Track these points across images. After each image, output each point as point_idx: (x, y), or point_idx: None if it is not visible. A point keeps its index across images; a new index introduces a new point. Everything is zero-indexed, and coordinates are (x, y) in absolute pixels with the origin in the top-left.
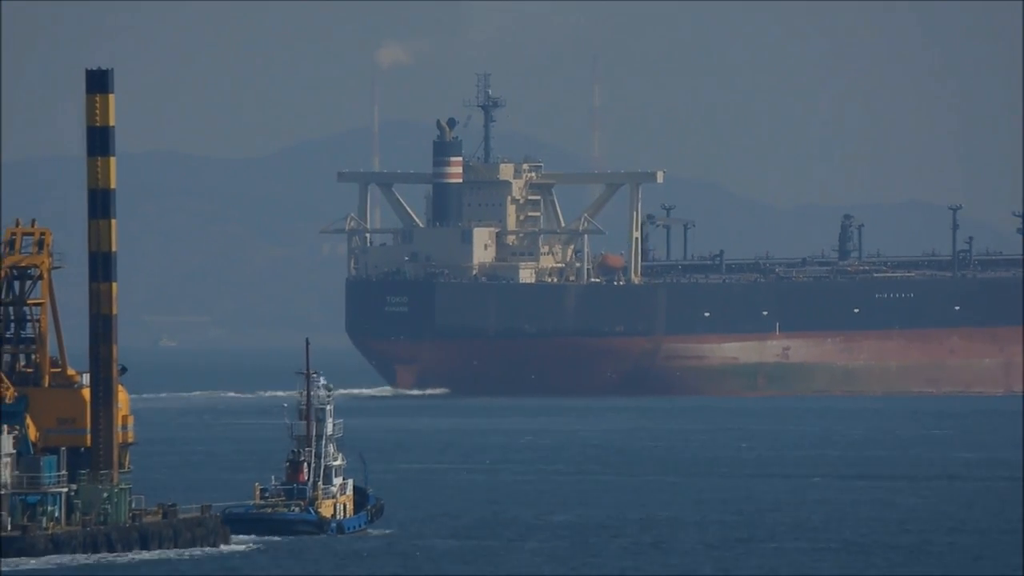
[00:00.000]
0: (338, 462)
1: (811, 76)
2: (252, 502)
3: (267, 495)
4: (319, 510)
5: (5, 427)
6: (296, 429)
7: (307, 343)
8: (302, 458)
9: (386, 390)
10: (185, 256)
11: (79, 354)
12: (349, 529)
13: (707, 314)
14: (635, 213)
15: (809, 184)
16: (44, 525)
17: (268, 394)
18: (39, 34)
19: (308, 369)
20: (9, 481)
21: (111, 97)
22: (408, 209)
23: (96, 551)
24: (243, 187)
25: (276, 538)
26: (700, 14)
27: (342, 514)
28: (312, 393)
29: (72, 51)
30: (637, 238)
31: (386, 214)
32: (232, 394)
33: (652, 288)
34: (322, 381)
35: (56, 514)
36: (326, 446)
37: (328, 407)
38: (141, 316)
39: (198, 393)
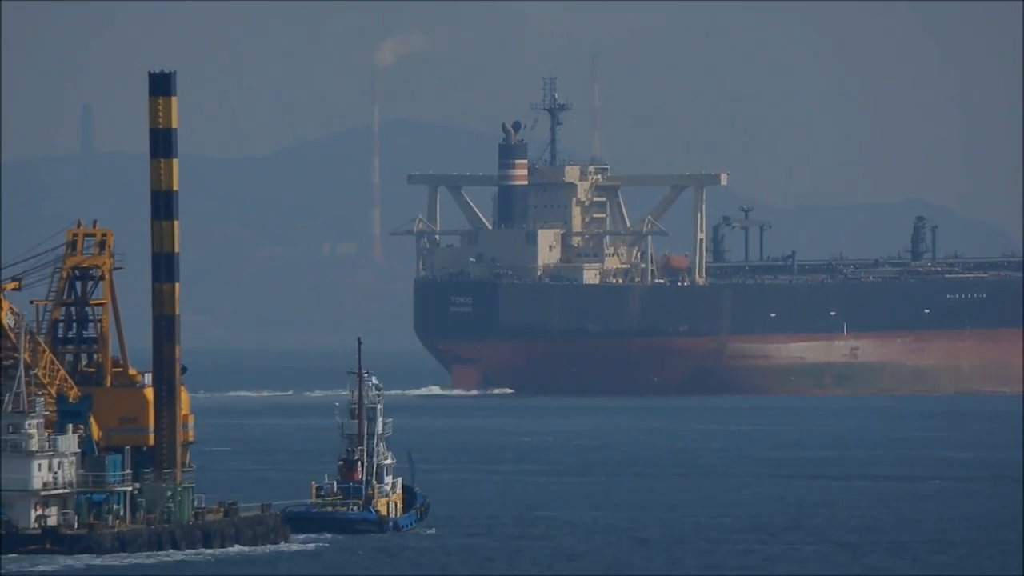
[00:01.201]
0: (389, 461)
1: (813, 75)
2: (310, 501)
3: (323, 494)
4: (377, 508)
5: (70, 426)
6: (348, 428)
7: (359, 343)
8: (356, 457)
9: (434, 389)
10: (185, 256)
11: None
12: (403, 527)
13: (773, 314)
14: (699, 215)
15: (803, 183)
16: (110, 523)
17: (267, 394)
18: (39, 34)
19: (360, 368)
20: (74, 480)
21: (174, 100)
22: (476, 211)
23: (161, 549)
24: (243, 187)
25: (336, 537)
26: (701, 14)
27: (394, 512)
28: (363, 392)
29: (72, 51)
30: (701, 239)
31: (455, 215)
32: (244, 393)
33: (717, 289)
34: (373, 380)
35: (121, 512)
36: (377, 445)
37: (378, 406)
38: (142, 316)
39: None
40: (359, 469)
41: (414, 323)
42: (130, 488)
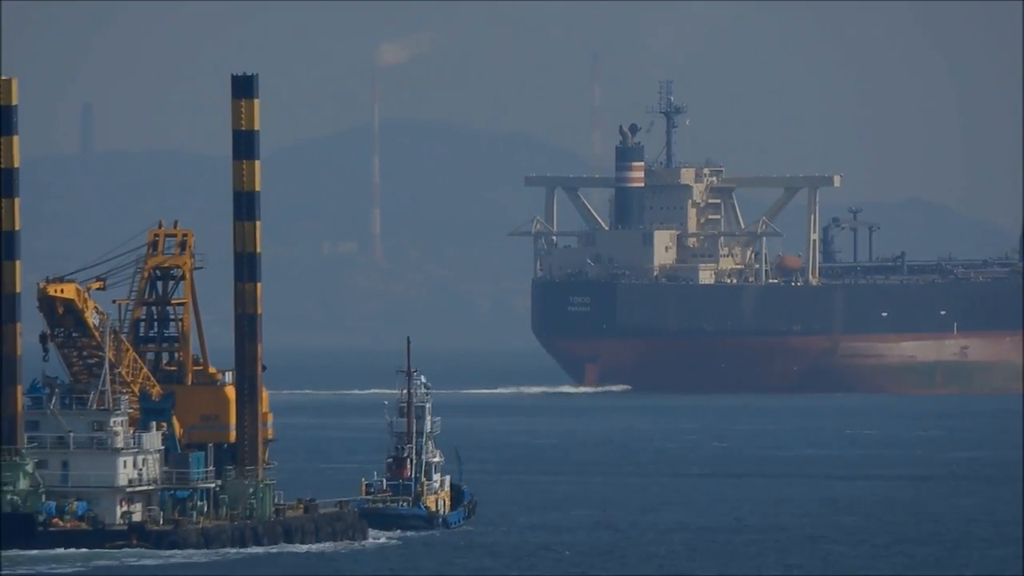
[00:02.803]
0: (437, 459)
1: (813, 75)
2: (360, 497)
3: (372, 490)
4: (426, 505)
5: (153, 424)
6: (396, 426)
7: (408, 342)
8: (405, 454)
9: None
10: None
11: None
12: (452, 524)
13: (884, 314)
14: (812, 216)
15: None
16: (194, 519)
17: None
18: (39, 34)
19: (409, 367)
20: (158, 476)
21: (256, 102)
22: (593, 212)
23: (243, 545)
24: None
25: (412, 534)
26: (699, 14)
27: (443, 509)
28: (412, 391)
29: (72, 50)
30: (814, 240)
31: (572, 217)
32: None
33: (829, 289)
34: (422, 379)
35: (205, 509)
36: (426, 442)
37: (427, 404)
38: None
39: None
40: (408, 466)
41: (532, 322)
42: (213, 485)
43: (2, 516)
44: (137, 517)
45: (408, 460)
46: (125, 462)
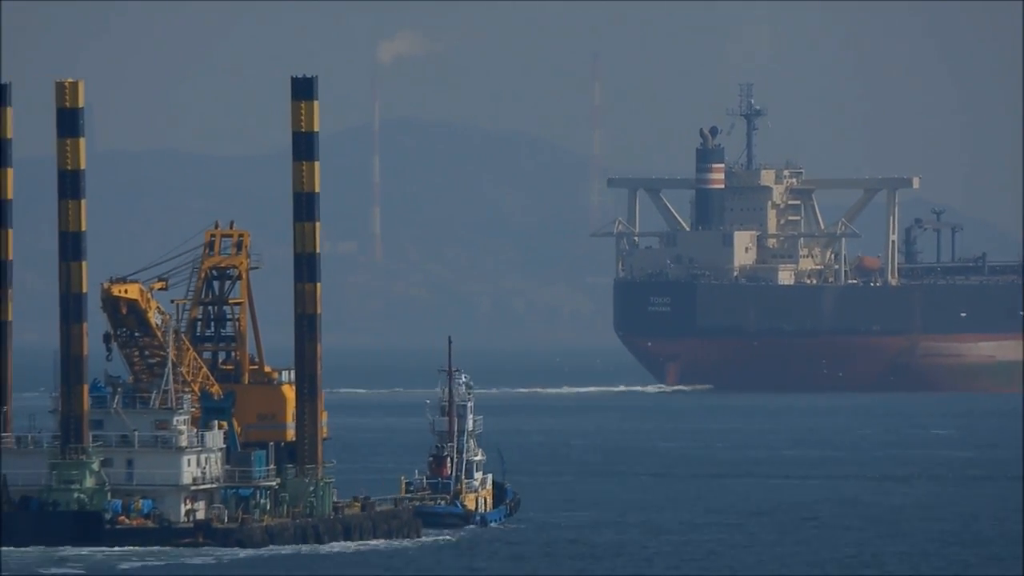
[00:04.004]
0: (478, 457)
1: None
2: (398, 495)
3: (412, 488)
4: (464, 503)
5: (215, 422)
6: (438, 425)
7: (449, 341)
8: (445, 453)
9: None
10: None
11: None
12: (491, 522)
13: (963, 314)
14: (891, 217)
15: None
16: (258, 517)
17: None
18: (38, 34)
19: (450, 366)
20: (220, 475)
21: (316, 104)
22: (675, 213)
23: (305, 543)
24: (243, 185)
25: (467, 530)
26: (700, 13)
27: (483, 508)
28: (454, 390)
29: (72, 50)
30: (893, 241)
31: (653, 217)
32: None
33: (908, 289)
34: (463, 378)
35: (267, 507)
36: (467, 441)
37: (469, 403)
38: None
39: None
40: (448, 465)
41: (613, 322)
42: (275, 483)
43: (71, 514)
44: (200, 515)
45: (448, 458)
46: (189, 460)
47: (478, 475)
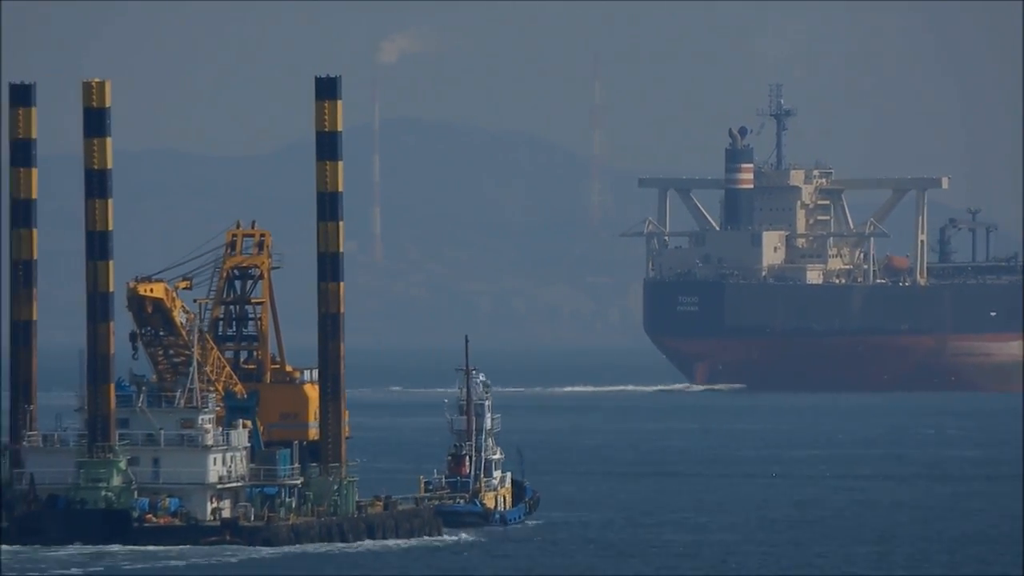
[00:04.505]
0: (497, 456)
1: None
2: (417, 494)
3: (431, 487)
4: (483, 502)
5: (240, 421)
6: (456, 424)
7: (466, 340)
8: (464, 452)
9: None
10: (186, 255)
11: None
12: (510, 520)
13: (993, 313)
14: (921, 217)
15: None
16: (284, 516)
17: None
18: (39, 33)
19: (468, 366)
20: (246, 473)
21: (339, 104)
22: (705, 213)
23: (331, 541)
24: (243, 185)
25: (488, 529)
26: (701, 13)
27: (502, 506)
28: (472, 389)
29: (72, 50)
30: (922, 240)
31: (684, 217)
32: None
33: (937, 289)
34: (481, 377)
35: (293, 505)
36: (485, 440)
37: (487, 402)
38: None
39: None
40: (467, 463)
41: (643, 321)
42: (299, 482)
43: (100, 513)
44: (226, 513)
45: (467, 457)
46: (215, 459)
47: (497, 473)
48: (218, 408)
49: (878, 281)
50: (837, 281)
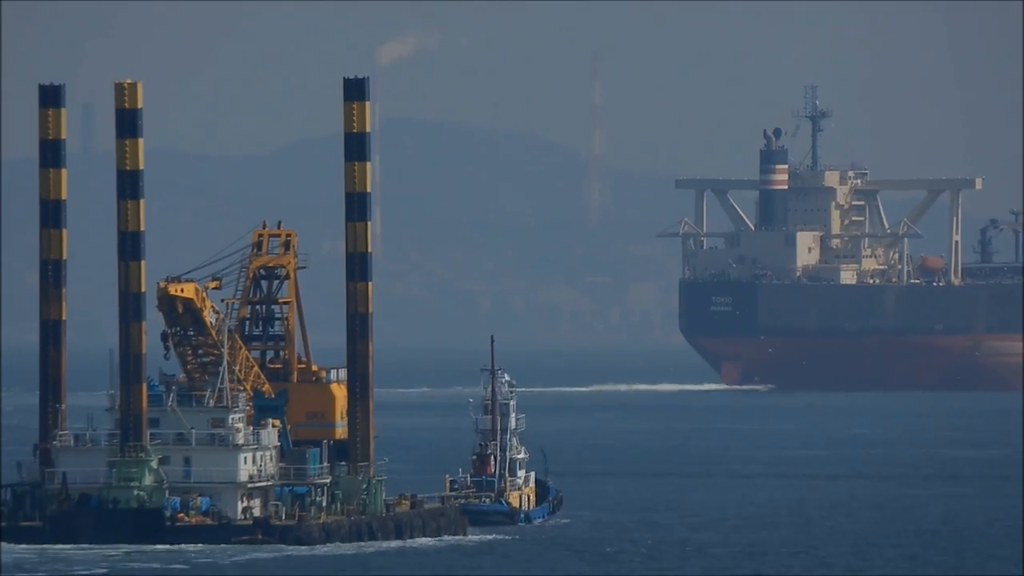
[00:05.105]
0: (521, 455)
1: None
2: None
3: (456, 487)
4: (508, 501)
5: (269, 420)
6: (481, 423)
7: (492, 340)
8: (489, 451)
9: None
10: (186, 255)
11: None
12: (535, 519)
13: None
14: (955, 218)
15: None
16: (315, 515)
17: None
18: (38, 33)
19: (493, 365)
20: (275, 472)
21: (367, 105)
22: (741, 213)
23: (360, 540)
24: (244, 185)
25: (513, 528)
26: (700, 13)
27: (527, 505)
28: (496, 389)
29: (72, 49)
30: (956, 241)
31: (720, 218)
32: None
33: (971, 289)
34: (506, 377)
35: (323, 504)
36: (510, 439)
37: (511, 402)
38: None
39: None
40: (492, 463)
41: (679, 321)
42: (328, 481)
43: (132, 512)
44: (257, 512)
45: (492, 456)
46: (246, 458)
47: (521, 473)
48: (248, 407)
49: (912, 281)
50: (871, 281)
